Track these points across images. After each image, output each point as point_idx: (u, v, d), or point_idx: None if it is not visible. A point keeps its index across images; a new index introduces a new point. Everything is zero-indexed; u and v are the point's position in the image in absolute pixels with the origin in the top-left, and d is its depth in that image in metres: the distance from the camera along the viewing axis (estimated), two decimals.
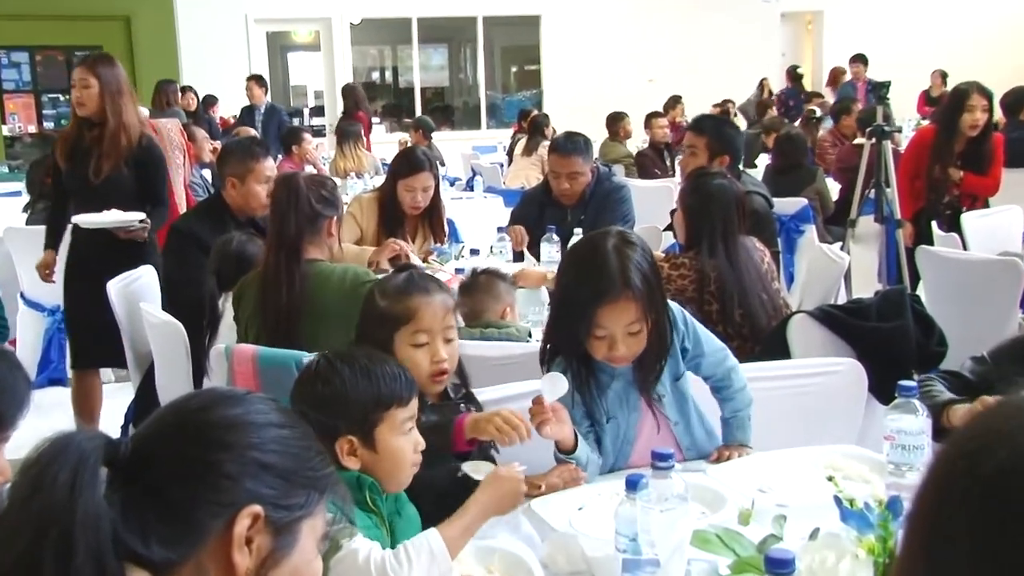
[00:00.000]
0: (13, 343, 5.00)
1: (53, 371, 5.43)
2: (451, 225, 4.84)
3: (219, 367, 2.84)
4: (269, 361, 2.74)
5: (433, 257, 4.27)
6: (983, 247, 4.58)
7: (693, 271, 3.21)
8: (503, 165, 9.77)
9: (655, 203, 6.07)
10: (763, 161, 8.06)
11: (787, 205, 5.60)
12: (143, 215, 4.03)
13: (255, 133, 8.77)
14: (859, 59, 12.54)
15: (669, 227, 4.70)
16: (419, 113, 13.64)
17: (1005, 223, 4.97)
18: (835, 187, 7.18)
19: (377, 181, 6.71)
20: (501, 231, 4.51)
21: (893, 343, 2.92)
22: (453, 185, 8.17)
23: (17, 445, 1.66)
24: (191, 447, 1.14)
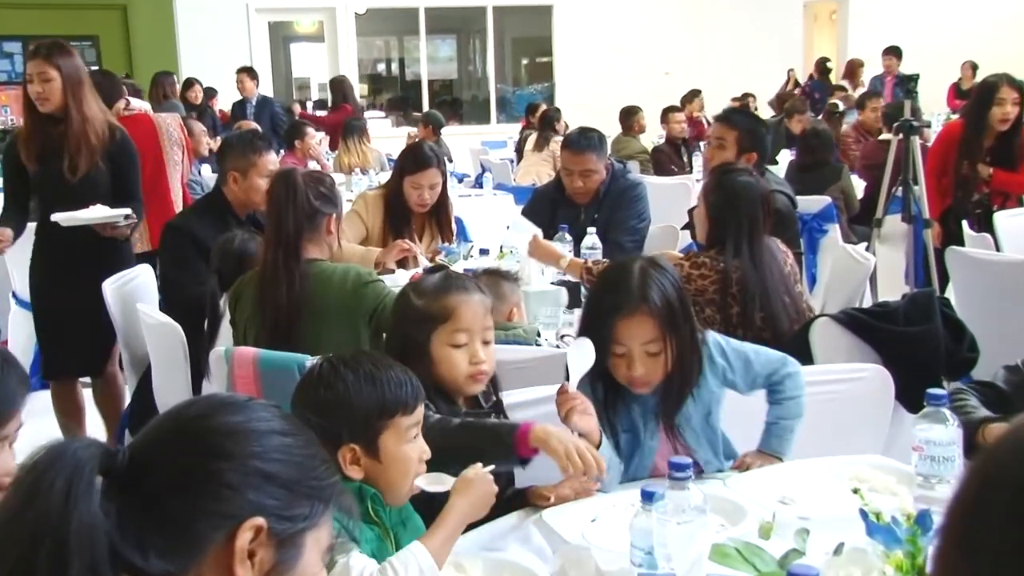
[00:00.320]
0: (4, 343, 5.01)
1: None
2: (459, 224, 4.84)
3: (219, 370, 2.84)
4: (270, 364, 2.75)
5: (441, 257, 4.25)
6: (1017, 248, 4.55)
7: (714, 271, 3.19)
8: (513, 161, 9.77)
9: (672, 201, 6.06)
10: (784, 157, 8.03)
11: (810, 203, 5.58)
12: (128, 210, 3.87)
13: (256, 127, 8.78)
14: (892, 52, 12.32)
15: (686, 226, 4.69)
16: (426, 107, 13.65)
17: None
18: (860, 184, 7.14)
19: (383, 177, 6.72)
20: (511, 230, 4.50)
21: (921, 348, 2.91)
22: (461, 182, 8.17)
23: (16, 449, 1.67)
24: (191, 456, 1.14)
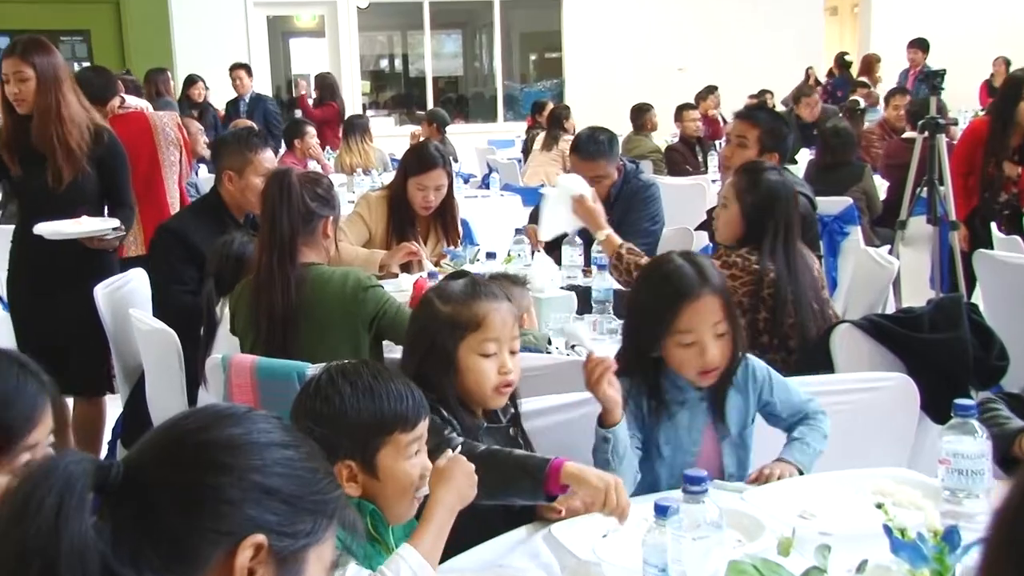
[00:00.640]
0: None
1: None
2: (465, 226, 4.84)
3: (215, 379, 2.85)
4: (269, 373, 2.75)
5: (446, 261, 4.25)
6: None
7: (746, 272, 3.10)
8: (520, 161, 9.77)
9: (686, 202, 6.06)
10: (803, 157, 8.01)
11: (830, 205, 5.56)
12: (117, 222, 3.86)
13: (253, 124, 8.79)
14: (918, 44, 12.10)
15: (701, 227, 4.68)
16: (431, 104, 13.66)
17: None
18: (882, 185, 7.12)
19: (386, 178, 6.73)
20: (519, 232, 4.49)
21: (948, 356, 2.89)
22: (467, 183, 8.16)
23: None
24: (189, 470, 1.13)
